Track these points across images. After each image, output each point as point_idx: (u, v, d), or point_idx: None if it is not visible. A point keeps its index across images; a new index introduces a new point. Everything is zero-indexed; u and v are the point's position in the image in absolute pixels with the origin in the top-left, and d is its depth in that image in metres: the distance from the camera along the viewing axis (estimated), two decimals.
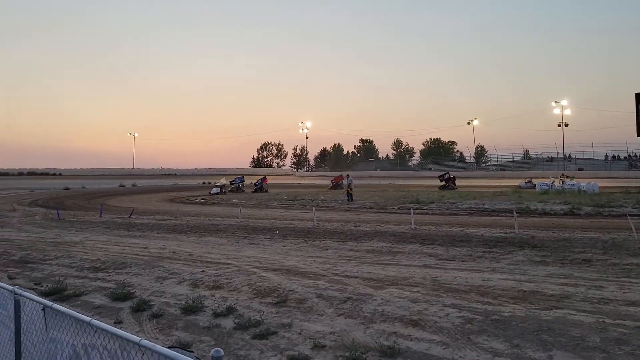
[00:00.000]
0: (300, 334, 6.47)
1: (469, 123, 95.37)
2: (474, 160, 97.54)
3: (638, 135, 36.80)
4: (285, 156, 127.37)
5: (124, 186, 56.73)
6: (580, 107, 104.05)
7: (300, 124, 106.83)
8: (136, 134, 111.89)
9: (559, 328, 6.04)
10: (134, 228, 18.99)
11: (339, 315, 7.11)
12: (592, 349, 5.39)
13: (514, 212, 17.24)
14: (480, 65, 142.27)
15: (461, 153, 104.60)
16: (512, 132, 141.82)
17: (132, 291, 8.77)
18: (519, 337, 5.84)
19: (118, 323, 7.12)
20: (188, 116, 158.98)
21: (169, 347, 3.10)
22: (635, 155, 68.65)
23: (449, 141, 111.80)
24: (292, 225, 18.31)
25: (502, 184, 45.52)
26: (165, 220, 21.62)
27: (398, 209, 25.25)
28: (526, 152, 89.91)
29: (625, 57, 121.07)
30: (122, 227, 19.32)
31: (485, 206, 24.63)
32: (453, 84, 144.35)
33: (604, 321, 6.26)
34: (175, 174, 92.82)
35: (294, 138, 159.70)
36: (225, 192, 43.48)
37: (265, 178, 48.45)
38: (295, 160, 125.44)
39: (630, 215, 16.51)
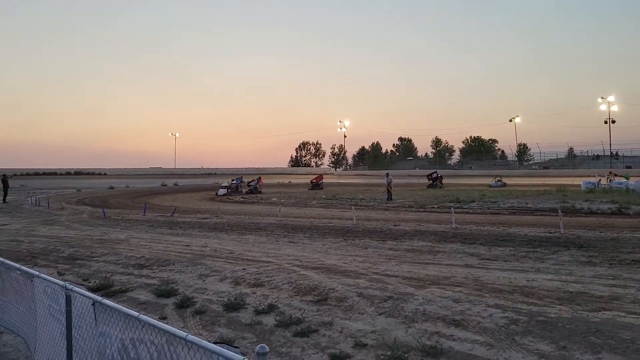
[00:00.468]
0: (341, 332, 6.46)
1: (510, 120, 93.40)
2: (516, 159, 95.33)
3: None
4: (324, 155, 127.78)
5: (165, 185, 58.11)
6: (628, 102, 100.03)
7: (338, 123, 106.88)
8: (177, 134, 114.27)
9: (608, 330, 5.84)
10: (176, 226, 19.39)
11: (380, 314, 7.08)
12: None
13: (559, 211, 16.76)
14: (522, 62, 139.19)
15: (502, 151, 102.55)
16: (556, 130, 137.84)
17: (175, 288, 8.95)
18: (566, 339, 5.68)
19: (162, 319, 7.27)
20: (229, 116, 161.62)
21: (214, 343, 3.14)
22: None
23: (489, 139, 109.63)
24: (332, 224, 18.32)
25: (545, 182, 44.30)
26: (206, 218, 21.99)
27: (438, 207, 24.92)
28: (571, 150, 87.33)
29: None
30: (165, 225, 19.75)
31: (529, 205, 24.04)
32: (494, 81, 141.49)
33: None
34: (215, 173, 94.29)
35: (333, 137, 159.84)
36: (238, 191, 44.75)
37: (260, 179, 48.57)
38: (333, 159, 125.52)
39: None
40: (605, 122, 78.35)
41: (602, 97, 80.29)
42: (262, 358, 2.62)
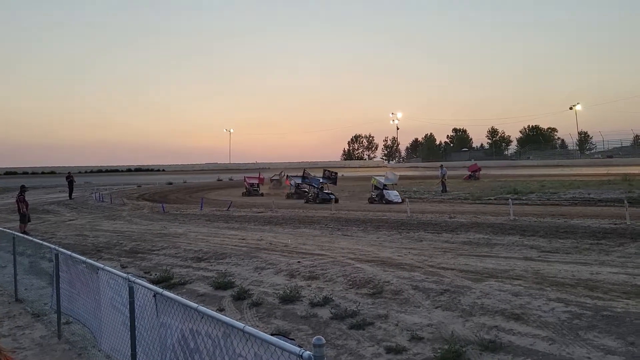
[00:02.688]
0: (397, 325, 6.42)
1: (571, 108, 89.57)
2: (577, 148, 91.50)
3: None
4: (376, 148, 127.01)
5: (221, 180, 59.39)
6: None
7: (390, 115, 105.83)
8: (232, 130, 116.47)
9: None
10: (232, 220, 19.79)
11: (436, 308, 6.98)
12: None
13: (625, 202, 15.96)
14: (581, 47, 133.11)
15: (562, 140, 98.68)
16: (620, 117, 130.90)
17: (232, 280, 9.15)
18: (634, 334, 5.41)
19: (220, 310, 7.44)
20: (283, 112, 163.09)
21: (270, 334, 3.18)
22: None
23: (548, 128, 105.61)
24: (385, 217, 18.19)
25: (609, 172, 42.31)
26: (261, 212, 22.33)
27: (495, 199, 24.25)
28: (636, 138, 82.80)
29: None
30: (221, 220, 20.19)
31: (591, 195, 23.00)
32: (552, 68, 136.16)
33: None
34: (269, 168, 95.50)
35: (386, 129, 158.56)
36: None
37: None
38: (386, 152, 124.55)
39: None
40: None
41: None
42: (319, 350, 2.63)
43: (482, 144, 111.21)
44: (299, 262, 10.51)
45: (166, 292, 4.14)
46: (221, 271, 10.15)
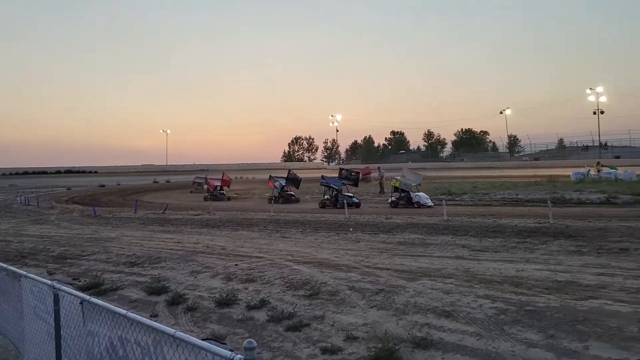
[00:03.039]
0: (332, 325, 6.49)
1: (501, 112, 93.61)
2: (507, 150, 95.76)
3: None
4: (317, 150, 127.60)
5: (157, 182, 57.81)
6: (616, 94, 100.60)
7: (330, 117, 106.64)
8: (168, 131, 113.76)
9: (596, 318, 5.91)
10: (168, 223, 19.34)
11: (371, 307, 7.11)
12: (629, 339, 5.26)
13: (548, 202, 16.87)
14: (513, 54, 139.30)
15: (494, 143, 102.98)
16: (546, 121, 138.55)
17: (167, 285, 8.94)
18: (554, 328, 5.73)
19: (154, 316, 7.26)
20: (222, 112, 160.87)
21: (202, 339, 3.15)
22: None
23: (481, 131, 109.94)
24: (324, 219, 18.34)
25: (536, 173, 44.48)
26: (199, 215, 21.95)
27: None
28: (561, 141, 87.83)
29: None
30: (157, 223, 19.70)
31: (519, 196, 24.15)
32: (485, 73, 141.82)
33: None
34: (207, 170, 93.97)
35: (325, 131, 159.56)
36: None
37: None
38: (326, 154, 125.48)
39: None
40: (594, 113, 78.56)
41: (590, 88, 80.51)
42: (250, 353, 2.62)
43: (419, 147, 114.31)
44: (236, 265, 10.41)
45: (94, 299, 4.00)
46: (155, 276, 9.89)
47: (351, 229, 15.26)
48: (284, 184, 28.14)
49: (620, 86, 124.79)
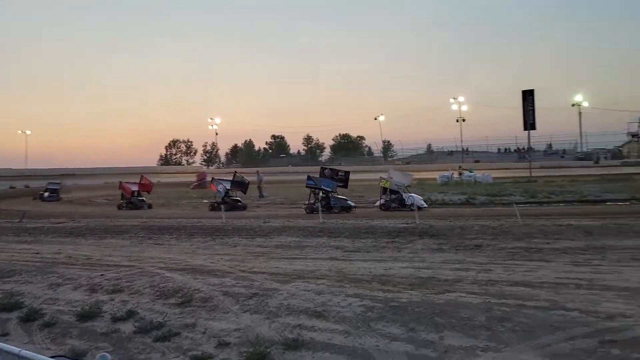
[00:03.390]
0: (204, 333, 6.38)
1: (375, 119, 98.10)
2: (382, 155, 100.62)
3: (525, 129, 45.85)
4: (195, 153, 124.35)
5: (14, 188, 52.72)
6: (477, 103, 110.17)
7: (209, 120, 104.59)
8: (28, 132, 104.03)
9: (451, 310, 6.41)
10: (24, 233, 17.72)
11: (244, 312, 7.08)
12: (478, 328, 5.78)
13: (414, 205, 18.01)
14: (387, 62, 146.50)
15: (369, 148, 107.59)
16: (417, 128, 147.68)
17: (21, 300, 8.20)
18: (415, 321, 6.13)
19: (4, 335, 6.63)
20: (95, 115, 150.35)
21: (52, 357, 2.94)
22: (523, 148, 73.92)
23: (357, 136, 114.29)
24: (200, 224, 17.93)
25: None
26: (62, 223, 20.34)
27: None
28: (429, 147, 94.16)
29: (515, 57, 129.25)
30: (12, 232, 17.98)
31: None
32: (362, 82, 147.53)
33: (489, 301, 6.73)
34: (74, 174, 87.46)
35: (205, 134, 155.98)
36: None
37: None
38: (205, 157, 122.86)
39: (516, 204, 17.97)
40: (457, 121, 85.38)
41: (453, 98, 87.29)
42: None
43: (299, 150, 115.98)
44: (102, 275, 9.80)
45: None
46: (7, 290, 8.99)
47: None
48: (228, 188, 24.79)
49: (481, 97, 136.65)
